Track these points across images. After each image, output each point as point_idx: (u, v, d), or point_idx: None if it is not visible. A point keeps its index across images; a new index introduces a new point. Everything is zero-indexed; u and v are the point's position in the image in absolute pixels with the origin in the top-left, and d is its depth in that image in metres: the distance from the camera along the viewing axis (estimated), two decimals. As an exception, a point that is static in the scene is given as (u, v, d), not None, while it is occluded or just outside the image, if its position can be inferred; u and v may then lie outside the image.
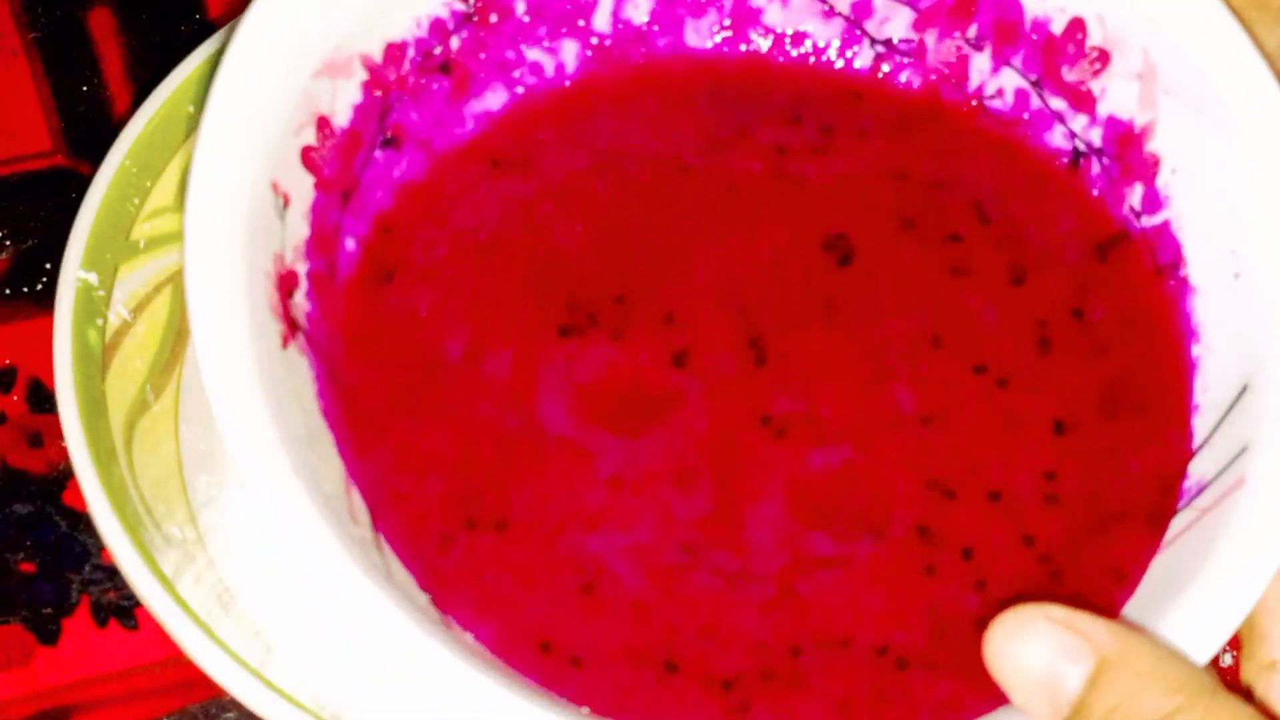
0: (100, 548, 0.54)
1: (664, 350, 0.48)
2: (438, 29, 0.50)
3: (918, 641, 0.45)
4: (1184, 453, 0.48)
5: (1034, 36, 0.52)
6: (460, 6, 0.51)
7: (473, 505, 0.46)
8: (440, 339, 0.48)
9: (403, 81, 0.50)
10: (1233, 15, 0.49)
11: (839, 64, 0.54)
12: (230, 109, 0.45)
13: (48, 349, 0.51)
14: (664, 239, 0.50)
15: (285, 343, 0.44)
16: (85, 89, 0.63)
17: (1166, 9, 0.49)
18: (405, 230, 0.49)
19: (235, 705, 0.48)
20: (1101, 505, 0.47)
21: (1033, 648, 0.40)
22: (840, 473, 0.47)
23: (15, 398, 0.57)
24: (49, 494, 0.55)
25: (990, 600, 0.46)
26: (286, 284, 0.45)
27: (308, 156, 0.47)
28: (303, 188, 0.47)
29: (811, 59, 0.54)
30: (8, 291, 0.59)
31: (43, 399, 0.57)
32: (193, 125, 0.55)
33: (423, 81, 0.50)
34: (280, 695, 0.46)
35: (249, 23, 0.46)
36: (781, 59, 0.53)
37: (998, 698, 0.43)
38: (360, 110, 0.49)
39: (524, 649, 0.44)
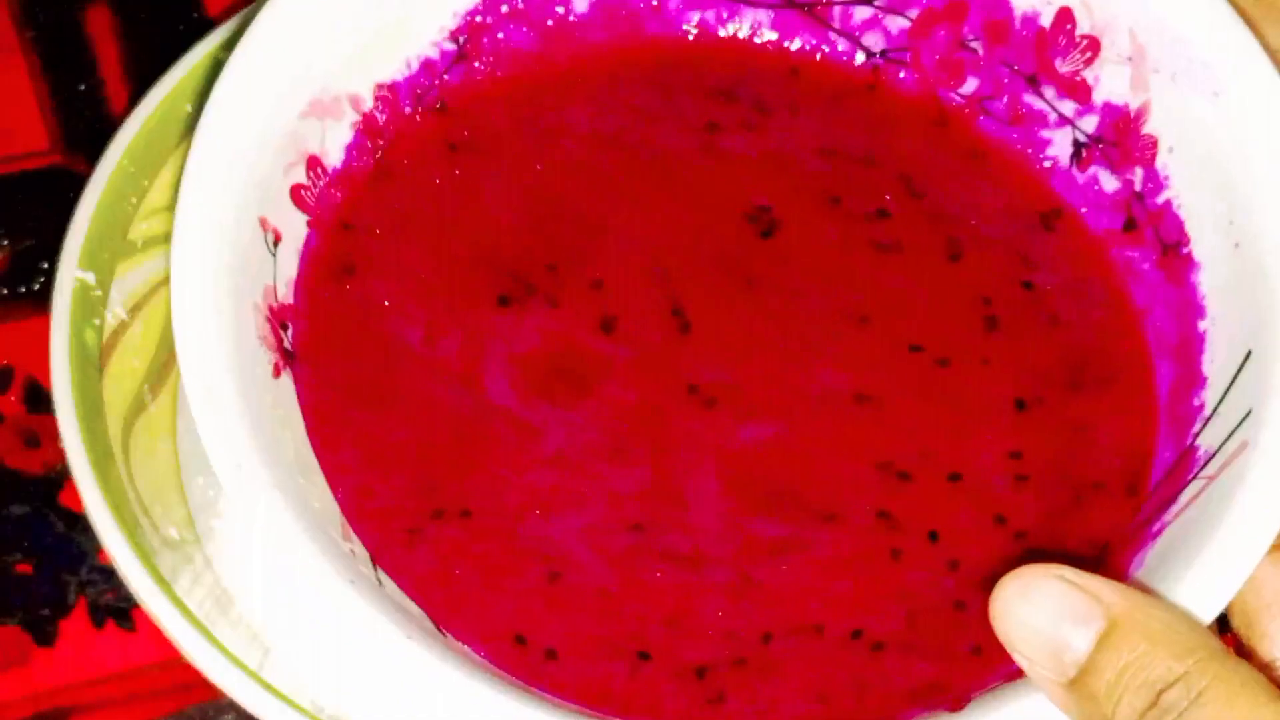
0: (97, 549, 0.54)
1: (592, 317, 0.49)
2: (428, 69, 0.51)
3: (893, 624, 0.45)
4: (1155, 419, 0.48)
5: (1024, 33, 0.52)
6: (450, 46, 0.51)
7: (437, 494, 0.46)
8: (400, 326, 0.48)
9: (396, 122, 0.50)
10: None
11: (788, 43, 0.54)
12: (215, 146, 0.45)
13: (45, 349, 0.51)
14: (593, 210, 0.51)
15: (278, 372, 0.45)
16: (83, 88, 0.63)
17: None
18: (363, 221, 0.49)
19: (233, 707, 0.48)
20: (1075, 478, 0.48)
21: (1042, 607, 0.40)
22: (772, 449, 0.48)
23: (12, 398, 0.57)
24: (46, 495, 0.55)
25: (966, 580, 0.46)
26: (280, 316, 0.46)
27: (298, 195, 0.47)
28: (295, 225, 0.47)
29: (756, 38, 0.54)
30: (4, 291, 0.59)
31: (40, 399, 0.57)
32: (191, 124, 0.55)
33: (417, 121, 0.51)
34: (278, 697, 0.46)
35: (234, 62, 0.46)
36: (722, 36, 0.54)
37: (979, 679, 0.43)
38: (353, 150, 0.49)
39: (499, 643, 0.44)
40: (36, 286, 0.59)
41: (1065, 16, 0.51)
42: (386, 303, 0.48)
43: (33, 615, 0.53)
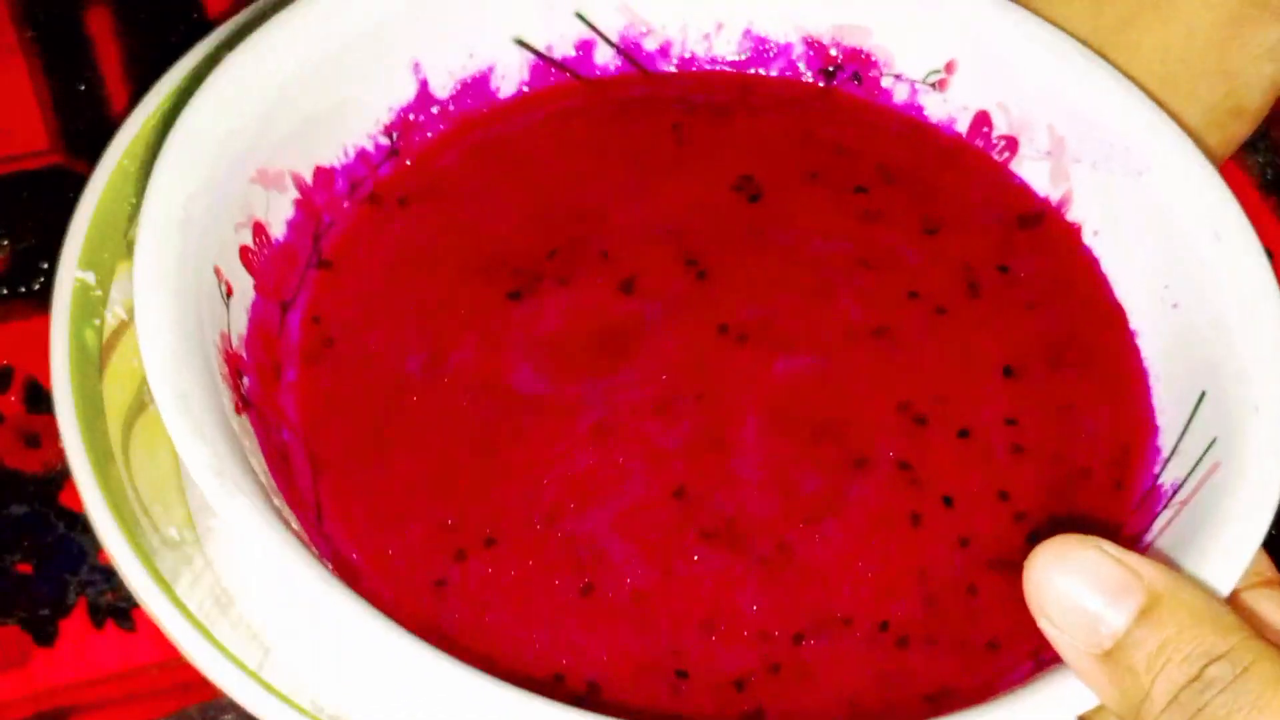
0: (97, 549, 0.54)
1: (610, 282, 0.50)
2: (364, 159, 0.52)
3: (914, 613, 0.46)
4: (1141, 420, 0.49)
5: (939, 142, 0.54)
6: (384, 140, 0.52)
7: (458, 531, 0.46)
8: (397, 364, 0.48)
9: (334, 206, 0.51)
10: (1116, 70, 0.52)
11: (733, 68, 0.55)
12: (175, 183, 0.46)
13: (45, 349, 0.51)
14: (578, 203, 0.52)
15: (239, 410, 0.45)
16: (83, 88, 0.63)
17: (1063, 80, 0.52)
18: (334, 295, 0.50)
19: (233, 707, 0.48)
20: (1066, 461, 0.48)
21: (1079, 577, 0.40)
22: (808, 380, 0.49)
23: (12, 398, 0.57)
24: (46, 495, 0.55)
25: (975, 562, 0.47)
26: (234, 364, 0.46)
27: (246, 257, 0.48)
28: (244, 285, 0.48)
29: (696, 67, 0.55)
30: (4, 291, 0.59)
31: (40, 399, 0.57)
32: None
33: (349, 209, 0.51)
34: (278, 697, 0.46)
35: (192, 107, 0.47)
36: (674, 68, 0.55)
37: (991, 678, 0.44)
38: (294, 226, 0.50)
39: (540, 684, 0.44)
40: (36, 286, 0.59)
41: (982, 120, 0.53)
42: (373, 349, 0.49)
43: (33, 615, 0.53)
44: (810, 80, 0.55)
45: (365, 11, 0.51)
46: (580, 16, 0.54)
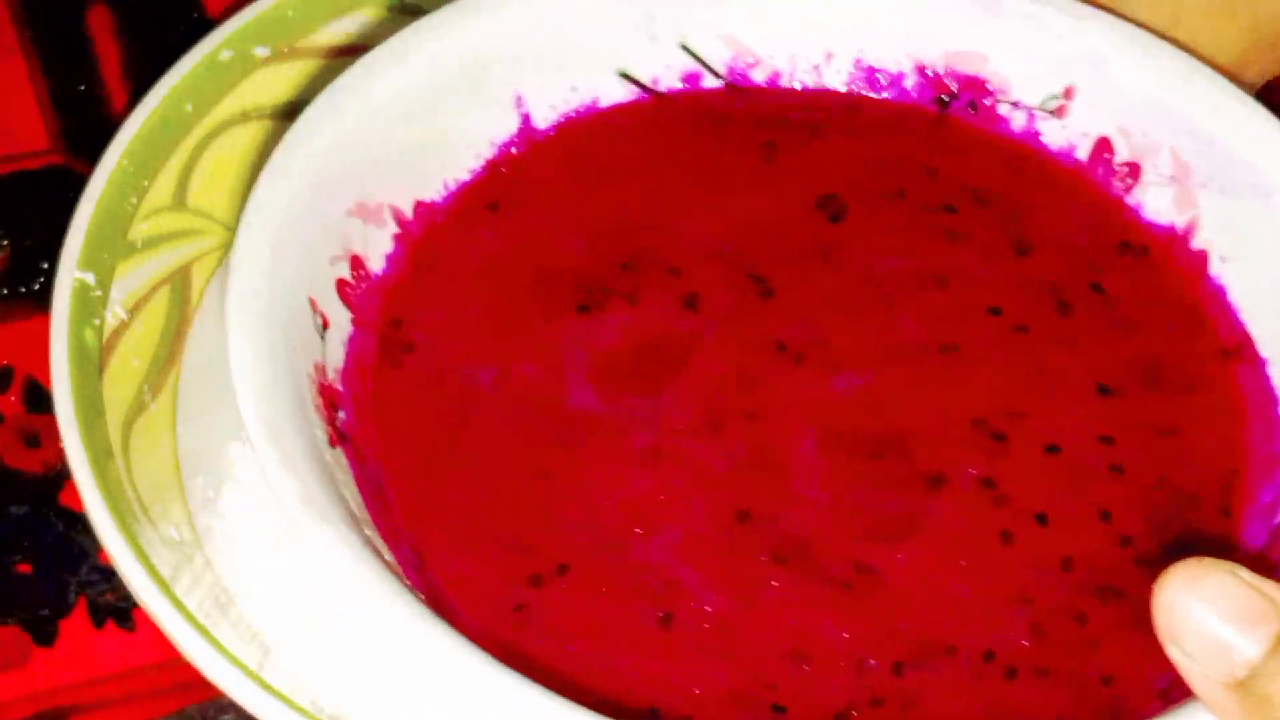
0: (97, 549, 0.54)
1: (675, 299, 0.49)
2: (464, 193, 0.51)
3: (1020, 642, 0.44)
4: (1255, 448, 0.48)
5: (1063, 165, 0.53)
6: (483, 174, 0.51)
7: (532, 555, 0.45)
8: (469, 378, 0.48)
9: (433, 239, 0.50)
10: (1249, 94, 0.50)
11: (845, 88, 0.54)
12: (271, 212, 0.46)
13: (45, 349, 0.51)
14: (658, 216, 0.51)
15: (333, 443, 0.45)
16: (83, 87, 0.63)
17: (1186, 103, 0.50)
18: (415, 299, 0.49)
19: (233, 707, 0.48)
20: (1170, 485, 0.47)
21: (1214, 603, 0.38)
22: (866, 398, 0.48)
23: (12, 398, 0.57)
24: (46, 495, 0.55)
25: (1081, 588, 0.45)
26: (329, 396, 0.46)
27: (343, 290, 0.48)
28: (341, 318, 0.47)
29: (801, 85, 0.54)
30: (4, 291, 0.59)
31: (40, 399, 0.57)
32: (190, 124, 0.55)
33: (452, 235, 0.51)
34: (278, 698, 0.46)
35: (289, 138, 0.47)
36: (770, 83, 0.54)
37: (1107, 714, 0.42)
38: (393, 260, 0.49)
39: (636, 715, 0.43)
40: (36, 286, 0.59)
41: (1103, 146, 0.52)
42: (448, 361, 0.48)
43: (33, 615, 0.53)
44: (923, 107, 0.54)
45: (467, 43, 0.50)
46: (685, 49, 0.53)
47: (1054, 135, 0.53)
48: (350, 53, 0.58)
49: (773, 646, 0.44)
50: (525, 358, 0.48)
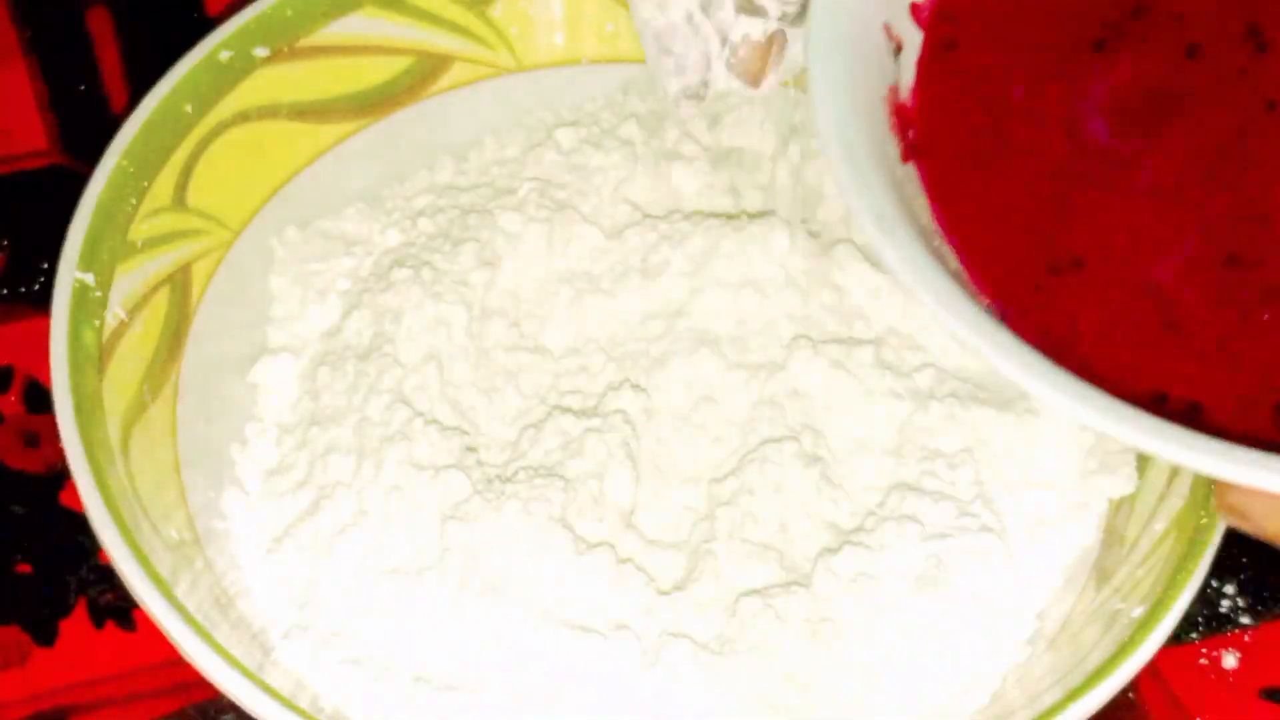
0: (97, 549, 0.54)
1: (1177, 46, 0.51)
2: None
3: None
4: None
5: None
6: None
7: (1050, 248, 0.47)
8: (1003, 89, 0.50)
9: None
10: None
11: None
12: None
13: (45, 349, 0.51)
14: None
15: (905, 159, 0.47)
16: (82, 88, 0.63)
17: None
18: (963, 3, 0.51)
19: (233, 707, 0.48)
20: None
21: None
22: None
23: (12, 398, 0.57)
24: (46, 495, 0.55)
25: None
26: (901, 115, 0.48)
27: (915, 12, 0.50)
28: (913, 40, 0.49)
29: None
30: (5, 291, 0.59)
31: (40, 399, 0.57)
32: (189, 124, 0.55)
33: None
34: (278, 698, 0.46)
35: None
36: None
37: None
38: None
39: (1141, 400, 0.45)
40: (36, 286, 0.59)
41: None
42: (987, 66, 0.50)
43: (33, 615, 0.53)
44: None
45: None
46: None
47: None
48: (350, 53, 0.58)
49: (1274, 359, 0.46)
50: (1050, 80, 0.50)
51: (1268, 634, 0.54)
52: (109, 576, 0.54)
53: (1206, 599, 0.55)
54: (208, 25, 0.56)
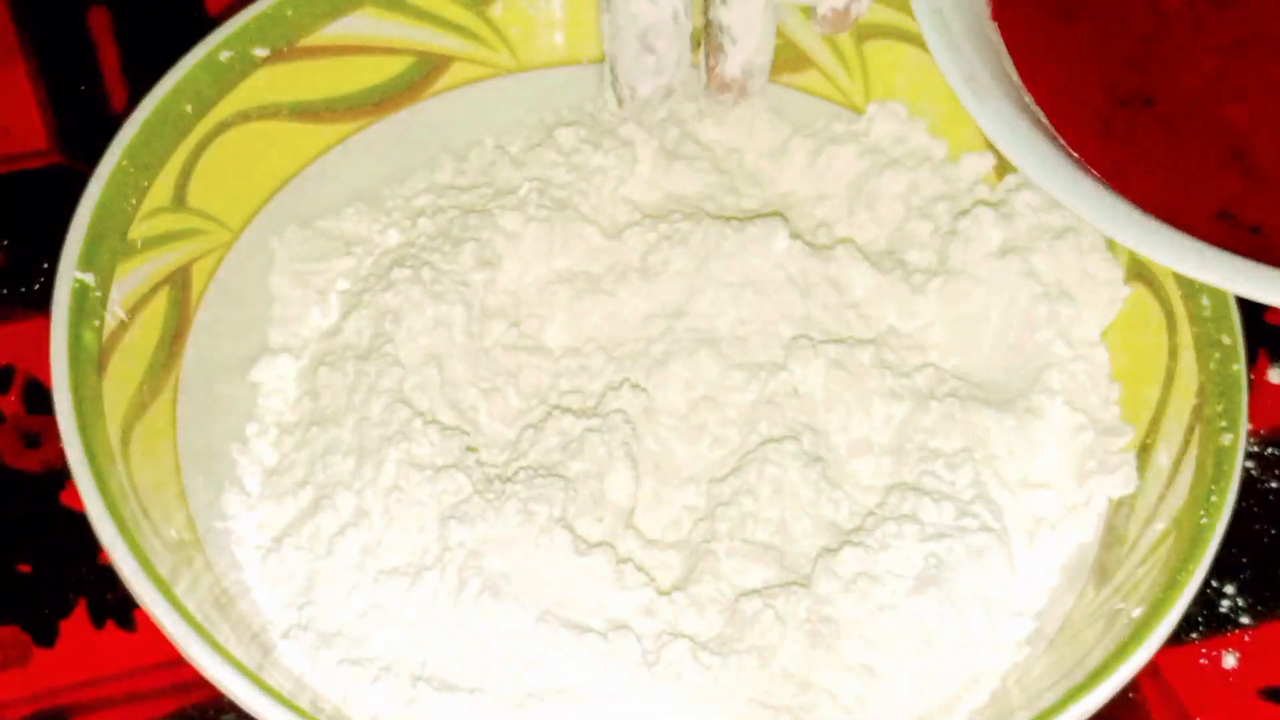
0: (97, 549, 0.54)
1: None
2: None
3: None
4: None
5: None
6: None
7: (1121, 87, 0.49)
8: None
9: None
10: None
11: None
12: None
13: (45, 349, 0.51)
14: None
15: (994, 16, 0.49)
16: (82, 88, 0.63)
17: None
18: None
19: (233, 707, 0.48)
20: None
21: None
22: None
23: (12, 398, 0.57)
24: (46, 495, 0.55)
25: None
26: None
27: None
28: None
29: None
30: (5, 292, 0.59)
31: (40, 399, 0.57)
32: (189, 124, 0.55)
33: None
34: (278, 698, 0.46)
35: None
36: None
37: None
38: None
39: (1203, 220, 0.46)
40: (36, 287, 0.59)
41: None
42: None
43: (33, 615, 0.53)
44: None
45: None
46: None
47: None
48: (350, 53, 0.58)
49: None
50: None
51: (1268, 634, 0.54)
52: (109, 576, 0.54)
53: (1206, 599, 0.55)
54: (208, 25, 0.56)
